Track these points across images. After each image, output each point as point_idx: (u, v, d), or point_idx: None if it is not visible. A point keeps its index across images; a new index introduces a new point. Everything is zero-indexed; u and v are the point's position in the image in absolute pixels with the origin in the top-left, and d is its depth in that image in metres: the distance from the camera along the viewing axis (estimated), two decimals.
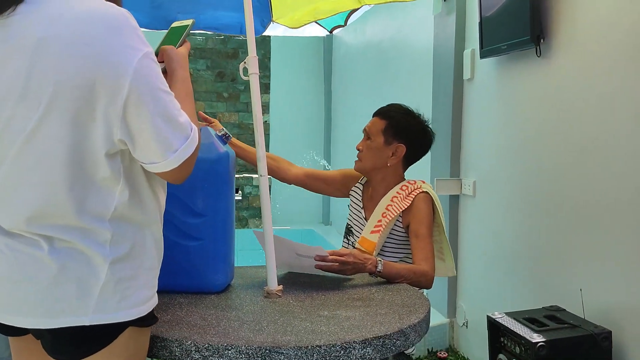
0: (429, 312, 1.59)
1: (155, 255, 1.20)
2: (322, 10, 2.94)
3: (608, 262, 2.15)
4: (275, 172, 2.40)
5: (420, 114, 2.24)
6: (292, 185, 2.45)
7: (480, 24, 2.90)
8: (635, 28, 2.03)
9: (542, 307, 2.26)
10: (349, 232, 2.32)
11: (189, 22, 1.42)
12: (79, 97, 1.02)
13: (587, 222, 2.27)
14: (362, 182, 2.33)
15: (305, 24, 3.00)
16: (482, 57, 2.96)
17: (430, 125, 2.24)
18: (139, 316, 1.15)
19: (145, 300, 1.16)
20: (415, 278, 1.94)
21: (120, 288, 1.11)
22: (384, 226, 2.11)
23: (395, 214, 2.11)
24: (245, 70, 1.83)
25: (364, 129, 2.23)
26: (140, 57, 1.05)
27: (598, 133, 2.21)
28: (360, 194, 2.30)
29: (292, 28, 3.04)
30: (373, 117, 2.25)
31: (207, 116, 2.19)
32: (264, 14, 2.79)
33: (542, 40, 2.51)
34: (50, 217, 1.07)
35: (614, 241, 2.12)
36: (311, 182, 2.39)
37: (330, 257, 1.80)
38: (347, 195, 2.38)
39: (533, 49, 2.55)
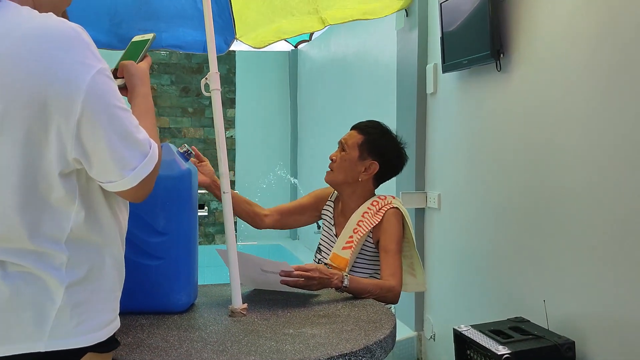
0: (394, 327, 1.58)
1: (115, 277, 1.16)
2: (285, 31, 2.95)
3: (570, 273, 2.18)
4: (252, 218, 2.34)
5: (397, 136, 2.25)
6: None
7: (442, 39, 2.94)
8: (590, 42, 2.09)
9: (507, 319, 2.28)
10: (318, 249, 2.31)
11: (149, 36, 1.39)
12: (30, 116, 0.99)
13: (549, 234, 2.30)
14: (332, 199, 2.32)
15: (269, 44, 3.00)
16: (444, 71, 3.00)
17: (405, 148, 2.25)
18: (97, 341, 1.11)
19: (104, 325, 1.12)
20: (382, 293, 1.94)
21: (77, 312, 1.07)
22: (355, 242, 2.10)
23: (366, 230, 2.11)
24: (207, 86, 1.82)
25: (340, 141, 2.23)
26: (93, 74, 1.02)
27: (557, 145, 2.26)
28: (332, 211, 2.30)
29: (256, 48, 3.04)
30: (351, 130, 2.25)
31: (199, 154, 2.11)
32: (227, 32, 2.78)
33: (502, 55, 2.55)
34: (2, 240, 1.03)
35: (575, 252, 2.16)
36: (287, 220, 2.36)
37: (296, 272, 1.79)
38: (321, 218, 2.36)
39: (493, 63, 2.60)
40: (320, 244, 2.30)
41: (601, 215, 2.03)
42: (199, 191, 1.87)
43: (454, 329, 2.23)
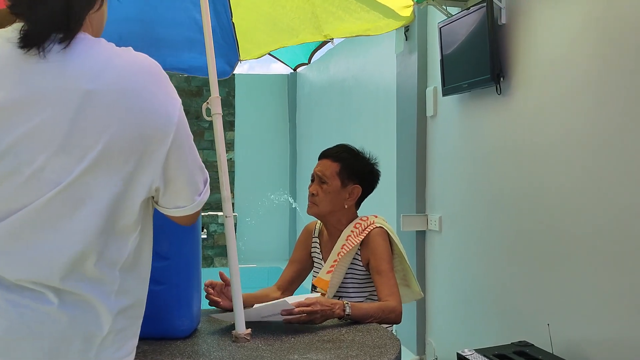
0: (399, 352, 1.57)
1: (144, 302, 1.17)
2: (287, 45, 2.98)
3: (575, 296, 2.17)
4: None
5: (366, 153, 2.25)
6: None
7: (442, 62, 2.97)
8: (589, 66, 2.10)
9: (511, 343, 2.27)
10: (313, 286, 2.29)
11: None
12: (128, 148, 1.02)
13: (552, 257, 2.30)
14: (316, 234, 2.31)
15: (267, 53, 3.03)
16: (444, 94, 3.02)
17: (377, 163, 2.25)
18: None
19: (132, 349, 1.13)
20: (384, 315, 1.93)
21: (117, 338, 1.07)
22: (338, 262, 2.10)
23: (349, 249, 2.10)
24: (208, 110, 1.83)
25: (315, 173, 2.20)
26: (179, 107, 1.08)
27: (558, 167, 2.26)
28: (318, 245, 2.28)
29: (254, 58, 3.07)
30: (322, 159, 2.23)
31: (226, 277, 1.95)
32: (231, 54, 2.80)
33: (502, 79, 2.57)
34: (70, 265, 1.02)
35: (579, 276, 2.15)
36: (299, 279, 2.31)
37: (297, 309, 1.77)
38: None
39: (493, 87, 2.61)
40: (313, 282, 2.28)
41: (606, 236, 2.03)
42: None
43: (458, 354, 2.21)
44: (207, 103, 1.83)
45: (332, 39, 2.98)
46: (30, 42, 0.99)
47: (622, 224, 1.96)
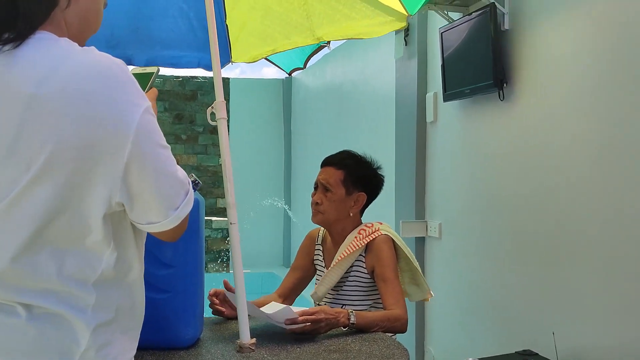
0: None
1: (140, 316, 1.11)
2: (279, 50, 2.97)
3: (580, 304, 2.15)
4: None
5: (370, 159, 2.22)
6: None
7: (443, 68, 2.95)
8: (593, 71, 2.09)
9: (515, 352, 2.24)
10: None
11: (152, 69, 1.34)
12: (77, 158, 0.93)
13: (556, 264, 2.28)
14: (319, 241, 2.28)
15: (262, 58, 3.02)
16: (445, 100, 3.00)
17: (381, 168, 2.23)
18: None
19: None
20: (390, 324, 1.91)
21: (101, 354, 1.01)
22: (337, 263, 2.08)
23: (351, 251, 2.07)
24: (213, 115, 1.80)
25: (319, 181, 2.16)
26: (141, 113, 0.97)
27: (560, 174, 2.24)
28: (321, 252, 2.26)
29: (248, 62, 3.05)
30: (325, 167, 2.19)
31: (231, 286, 1.91)
32: (223, 55, 2.79)
33: (504, 85, 2.56)
34: (30, 281, 0.97)
35: (583, 282, 2.13)
36: (301, 287, 2.28)
37: (301, 318, 1.73)
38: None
39: (496, 92, 2.60)
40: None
41: (611, 241, 2.01)
42: None
43: None
44: (212, 107, 1.80)
45: (328, 42, 2.96)
46: None
47: (627, 228, 1.94)
